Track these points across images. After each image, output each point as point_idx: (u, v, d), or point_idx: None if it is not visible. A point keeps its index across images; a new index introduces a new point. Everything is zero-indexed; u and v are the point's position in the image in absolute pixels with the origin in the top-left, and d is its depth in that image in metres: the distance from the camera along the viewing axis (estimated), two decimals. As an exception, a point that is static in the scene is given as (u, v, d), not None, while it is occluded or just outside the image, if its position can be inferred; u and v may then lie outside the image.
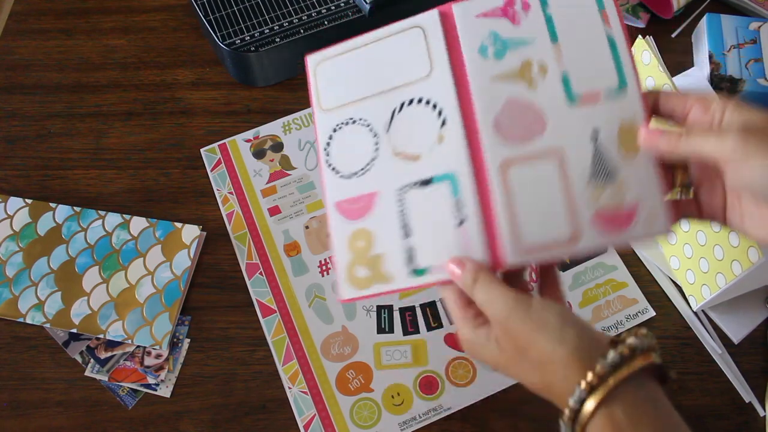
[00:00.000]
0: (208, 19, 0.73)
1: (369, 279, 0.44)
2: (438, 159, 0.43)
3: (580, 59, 0.43)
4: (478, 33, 0.44)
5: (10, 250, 0.65)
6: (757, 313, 0.61)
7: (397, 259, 0.43)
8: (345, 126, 0.47)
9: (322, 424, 0.57)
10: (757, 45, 0.71)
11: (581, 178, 0.42)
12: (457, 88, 0.44)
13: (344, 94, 0.47)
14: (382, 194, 0.45)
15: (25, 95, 0.75)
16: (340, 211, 0.46)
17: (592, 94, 0.42)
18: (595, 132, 0.42)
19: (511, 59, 0.43)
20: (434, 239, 0.43)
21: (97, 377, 0.59)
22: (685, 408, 0.58)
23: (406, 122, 0.45)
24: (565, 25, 0.43)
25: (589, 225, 0.41)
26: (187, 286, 0.63)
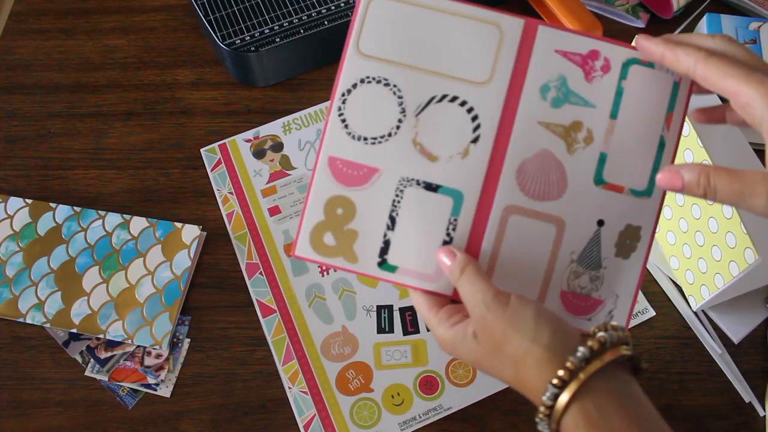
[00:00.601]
0: (208, 19, 0.73)
1: (334, 249, 0.42)
2: (454, 171, 0.42)
3: (626, 147, 0.42)
4: (549, 69, 0.42)
5: (10, 250, 0.65)
6: (757, 313, 0.61)
7: (371, 245, 0.42)
8: (375, 83, 0.42)
9: (322, 424, 0.57)
10: (757, 45, 0.71)
11: (569, 254, 0.42)
12: (504, 112, 0.42)
13: (392, 49, 0.42)
14: (384, 175, 0.42)
15: (25, 95, 0.75)
16: (331, 168, 0.43)
17: (617, 186, 0.42)
18: (602, 221, 0.42)
19: (566, 112, 0.42)
20: (416, 244, 0.42)
21: (97, 377, 0.59)
22: (685, 408, 0.58)
23: (439, 116, 0.42)
24: (631, 107, 0.42)
25: (556, 297, 0.42)
26: (187, 286, 0.63)
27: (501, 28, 0.42)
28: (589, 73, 0.42)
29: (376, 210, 0.42)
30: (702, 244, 0.58)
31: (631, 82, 0.42)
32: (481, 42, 0.42)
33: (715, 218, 0.56)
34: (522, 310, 0.38)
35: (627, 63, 0.42)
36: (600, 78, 0.42)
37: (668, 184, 0.39)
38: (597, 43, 0.42)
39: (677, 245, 0.61)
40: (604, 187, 0.42)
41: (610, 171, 0.42)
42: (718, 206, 0.56)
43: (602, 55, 0.42)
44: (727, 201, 0.37)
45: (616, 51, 0.42)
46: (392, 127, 0.42)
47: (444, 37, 0.42)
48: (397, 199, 0.42)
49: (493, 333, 0.38)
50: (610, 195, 0.42)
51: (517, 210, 0.42)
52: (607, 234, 0.42)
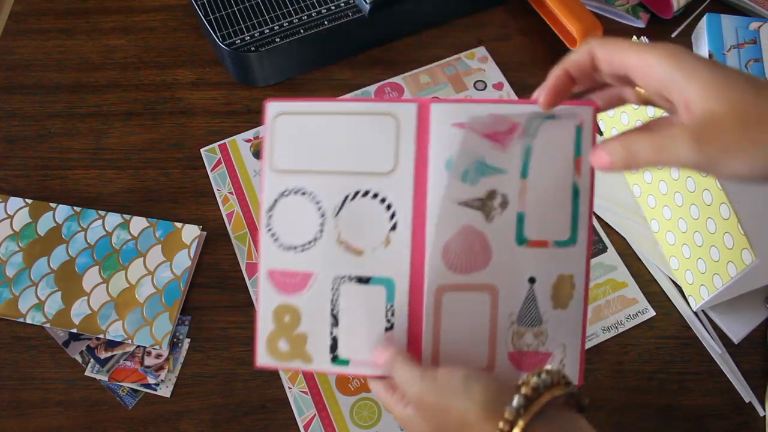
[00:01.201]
0: (208, 19, 0.73)
1: (289, 354, 0.44)
2: (380, 261, 0.43)
3: (541, 203, 0.42)
4: (450, 144, 0.42)
5: (10, 250, 0.65)
6: (757, 313, 0.61)
7: (321, 343, 0.44)
8: (294, 195, 0.44)
9: (322, 424, 0.57)
10: (757, 45, 0.71)
11: (508, 316, 0.43)
12: (415, 195, 0.43)
13: (302, 159, 0.44)
14: (318, 277, 0.44)
15: (25, 95, 0.75)
16: (272, 280, 0.45)
17: (540, 242, 0.42)
18: (533, 278, 0.43)
19: (482, 186, 0.42)
20: (360, 336, 0.43)
21: (97, 377, 0.59)
22: (685, 408, 0.58)
23: (356, 212, 0.43)
24: (539, 162, 0.42)
25: (505, 360, 0.43)
26: (187, 286, 0.63)
27: (396, 117, 0.43)
28: (501, 141, 0.42)
29: (319, 310, 0.44)
30: (701, 244, 0.58)
31: (538, 138, 0.42)
32: (380, 134, 0.43)
33: (713, 219, 0.56)
34: (451, 379, 0.39)
35: (530, 122, 0.42)
36: (514, 142, 0.42)
37: (597, 163, 0.38)
38: (503, 107, 0.42)
39: (677, 245, 0.61)
40: (528, 246, 0.42)
41: (530, 229, 0.42)
42: (715, 207, 0.56)
43: (508, 120, 0.42)
44: (651, 161, 0.36)
45: (523, 111, 0.42)
46: (316, 232, 0.44)
47: (347, 137, 0.44)
48: (334, 297, 0.44)
49: (433, 407, 0.39)
50: (535, 251, 0.42)
51: (448, 288, 0.42)
52: (540, 289, 0.43)
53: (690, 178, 0.58)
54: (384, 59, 0.77)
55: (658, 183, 0.62)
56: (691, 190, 0.58)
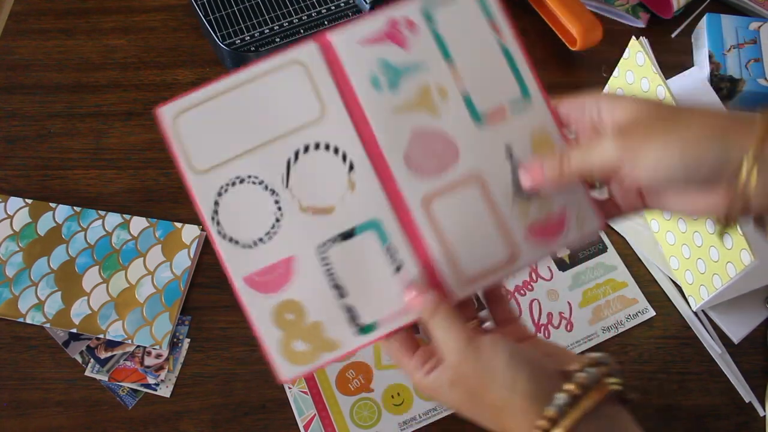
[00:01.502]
0: (208, 19, 0.73)
1: (312, 351, 0.40)
2: (355, 207, 0.40)
3: (479, 76, 0.41)
4: (366, 62, 0.41)
5: (10, 250, 0.65)
6: (757, 313, 0.61)
7: (339, 322, 0.40)
8: (231, 187, 0.40)
9: (322, 424, 0.57)
10: (757, 45, 0.71)
11: (506, 197, 0.41)
12: (356, 126, 0.41)
13: (221, 150, 0.41)
14: (300, 257, 0.40)
15: (25, 95, 0.75)
16: (252, 286, 0.40)
17: (497, 110, 0.42)
18: (509, 148, 0.41)
19: (408, 87, 0.41)
20: (374, 292, 0.40)
21: (97, 377, 0.59)
22: (685, 408, 0.58)
23: (307, 172, 0.40)
24: (457, 41, 0.41)
25: (524, 240, 0.41)
26: (187, 286, 0.63)
27: (302, 62, 0.41)
28: (400, 41, 0.41)
29: (319, 290, 0.40)
30: (700, 244, 0.58)
31: (441, 21, 0.42)
32: (293, 86, 0.41)
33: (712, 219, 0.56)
34: (496, 356, 0.37)
35: (426, 11, 0.42)
36: (414, 37, 0.41)
37: (532, 181, 0.40)
38: (386, 12, 0.42)
39: (676, 245, 0.61)
40: (488, 121, 0.41)
41: (481, 103, 0.41)
42: (718, 206, 0.56)
43: (401, 19, 0.41)
44: (580, 165, 0.38)
45: (410, 6, 0.42)
46: (274, 212, 0.41)
47: (259, 105, 0.41)
48: (327, 267, 0.41)
49: (470, 382, 0.37)
50: (498, 123, 0.42)
51: (432, 195, 0.41)
52: (522, 155, 0.41)
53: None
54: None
55: (658, 183, 0.62)
56: (691, 190, 0.58)
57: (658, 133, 0.35)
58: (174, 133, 0.41)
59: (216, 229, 0.41)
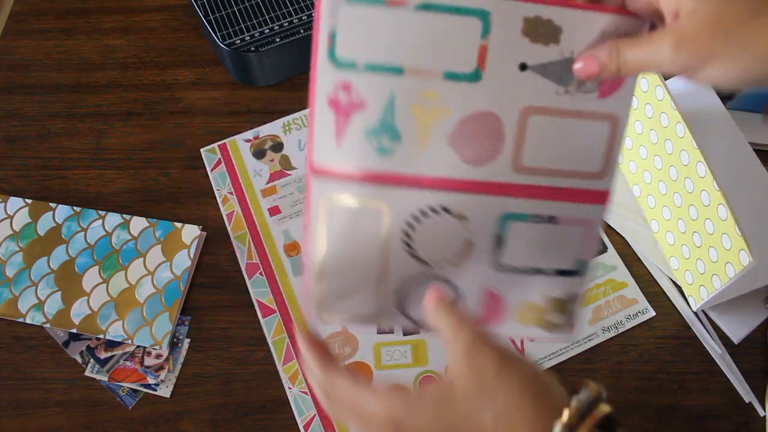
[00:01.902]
0: (208, 19, 0.73)
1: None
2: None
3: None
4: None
5: (10, 250, 0.65)
6: (757, 313, 0.61)
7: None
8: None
9: (322, 424, 0.57)
10: (757, 45, 0.71)
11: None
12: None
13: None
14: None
15: (25, 95, 0.75)
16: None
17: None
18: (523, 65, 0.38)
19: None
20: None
21: (97, 377, 0.59)
22: (685, 408, 0.58)
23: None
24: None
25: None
26: (187, 286, 0.63)
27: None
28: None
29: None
30: (699, 245, 0.58)
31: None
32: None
33: (711, 220, 0.56)
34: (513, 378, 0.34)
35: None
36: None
37: (587, 71, 0.37)
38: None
39: (676, 245, 0.61)
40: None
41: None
42: (713, 207, 0.56)
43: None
44: (638, 64, 0.35)
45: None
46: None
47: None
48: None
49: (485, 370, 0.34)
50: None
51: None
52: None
53: (688, 179, 0.58)
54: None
55: (658, 183, 0.62)
56: (689, 190, 0.58)
57: (721, 49, 0.32)
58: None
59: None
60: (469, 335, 0.36)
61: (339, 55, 0.36)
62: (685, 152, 0.57)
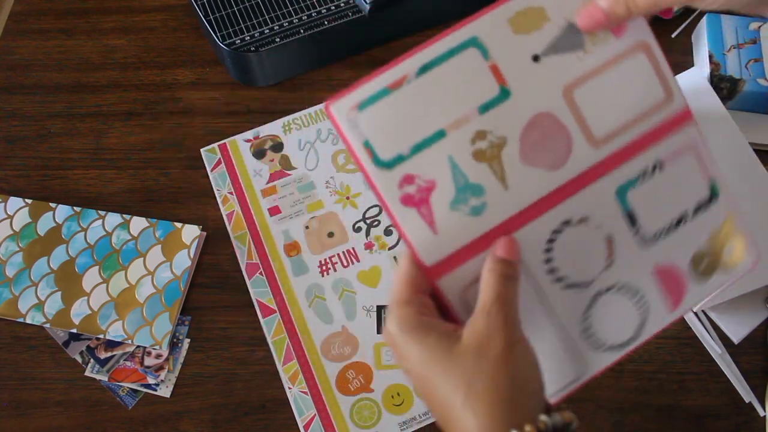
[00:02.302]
0: (208, 19, 0.73)
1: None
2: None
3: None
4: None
5: (10, 250, 0.65)
6: (757, 313, 0.61)
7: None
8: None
9: (322, 424, 0.57)
10: (757, 45, 0.71)
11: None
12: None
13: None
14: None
15: (25, 95, 0.75)
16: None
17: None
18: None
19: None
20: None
21: (97, 377, 0.59)
22: (685, 408, 0.58)
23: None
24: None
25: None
26: (187, 286, 0.63)
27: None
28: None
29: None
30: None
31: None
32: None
33: None
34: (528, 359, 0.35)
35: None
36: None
37: (591, 21, 0.36)
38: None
39: (677, 245, 0.61)
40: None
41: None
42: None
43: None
44: (648, 5, 0.35)
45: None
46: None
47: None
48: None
49: (486, 357, 0.34)
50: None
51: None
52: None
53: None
54: (384, 59, 0.76)
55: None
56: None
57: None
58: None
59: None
60: (508, 314, 0.35)
61: (384, 158, 0.36)
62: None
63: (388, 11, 0.74)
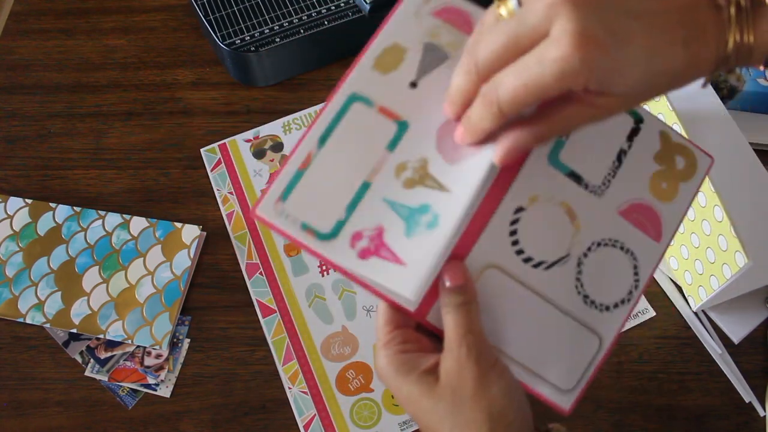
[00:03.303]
0: (208, 19, 0.73)
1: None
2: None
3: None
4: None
5: (10, 250, 0.65)
6: (757, 313, 0.61)
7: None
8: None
9: (322, 424, 0.57)
10: (757, 45, 0.71)
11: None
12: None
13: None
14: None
15: (25, 95, 0.75)
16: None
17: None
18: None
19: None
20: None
21: (97, 377, 0.59)
22: (685, 408, 0.58)
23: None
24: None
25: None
26: (187, 286, 0.63)
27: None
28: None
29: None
30: (697, 245, 0.58)
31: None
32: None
33: (707, 221, 0.56)
34: (506, 386, 0.35)
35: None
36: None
37: (475, 136, 0.34)
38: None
39: (675, 246, 0.61)
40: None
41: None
42: (710, 209, 0.56)
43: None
44: (531, 96, 0.31)
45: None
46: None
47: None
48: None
49: (462, 392, 0.35)
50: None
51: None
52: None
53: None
54: (384, 59, 0.77)
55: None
56: (690, 190, 0.58)
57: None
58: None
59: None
60: (470, 343, 0.35)
61: (325, 231, 0.36)
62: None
63: (387, 11, 0.74)
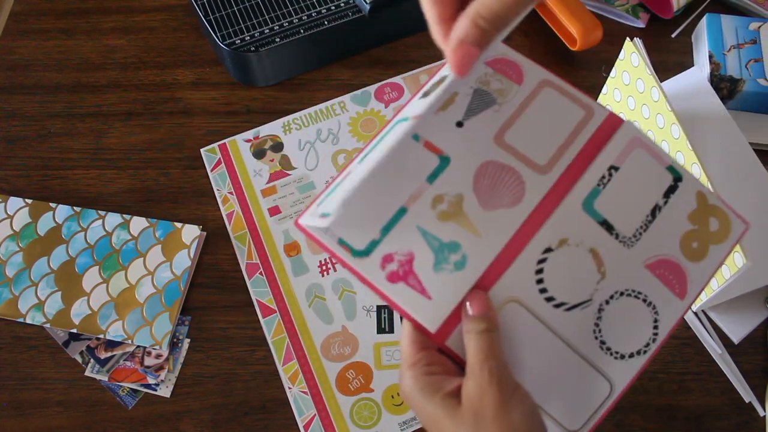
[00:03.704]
0: (208, 19, 0.73)
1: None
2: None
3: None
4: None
5: (10, 250, 0.65)
6: (757, 313, 0.61)
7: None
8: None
9: (322, 424, 0.57)
10: (757, 45, 0.71)
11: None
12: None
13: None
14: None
15: (25, 95, 0.75)
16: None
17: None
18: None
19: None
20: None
21: (97, 377, 0.59)
22: (685, 408, 0.58)
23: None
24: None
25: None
26: (187, 286, 0.63)
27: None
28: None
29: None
30: (700, 245, 0.58)
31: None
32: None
33: None
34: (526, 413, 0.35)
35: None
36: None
37: (462, 62, 0.35)
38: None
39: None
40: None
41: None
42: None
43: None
44: (495, 16, 0.34)
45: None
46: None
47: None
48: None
49: (483, 414, 0.35)
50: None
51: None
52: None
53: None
54: (384, 59, 0.77)
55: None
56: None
57: None
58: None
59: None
60: (492, 367, 0.36)
61: (359, 248, 0.39)
62: (680, 153, 0.57)
63: (387, 11, 0.74)
